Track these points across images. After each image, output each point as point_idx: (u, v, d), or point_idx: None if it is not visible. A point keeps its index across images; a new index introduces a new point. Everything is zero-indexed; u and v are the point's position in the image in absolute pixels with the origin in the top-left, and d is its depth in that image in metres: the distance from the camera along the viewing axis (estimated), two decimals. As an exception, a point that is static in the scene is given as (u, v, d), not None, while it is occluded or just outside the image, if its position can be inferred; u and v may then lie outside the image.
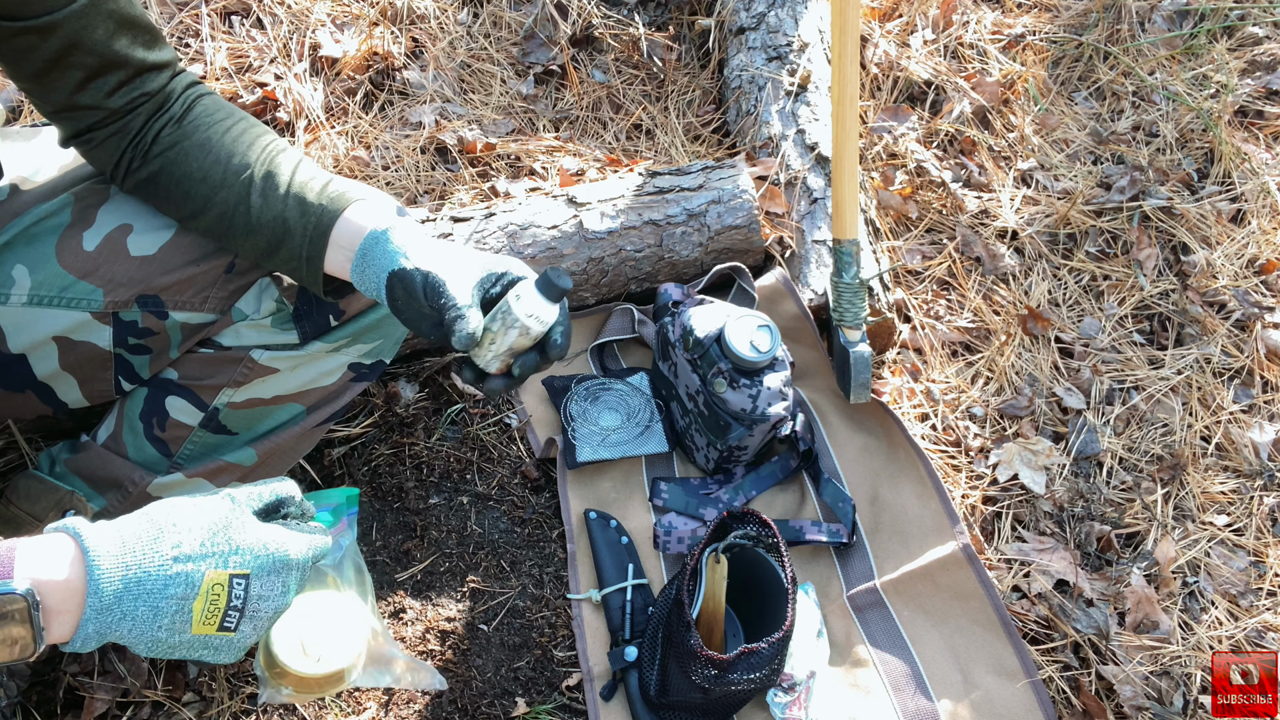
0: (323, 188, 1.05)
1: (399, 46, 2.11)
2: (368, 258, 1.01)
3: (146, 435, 1.24)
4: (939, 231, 1.97)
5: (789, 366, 1.50)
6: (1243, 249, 1.96)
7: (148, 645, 0.79)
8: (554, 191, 1.79)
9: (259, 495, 0.87)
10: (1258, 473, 1.66)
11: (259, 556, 0.81)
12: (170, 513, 0.80)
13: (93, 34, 0.98)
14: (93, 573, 0.74)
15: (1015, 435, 1.68)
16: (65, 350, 1.16)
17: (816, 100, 1.97)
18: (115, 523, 0.78)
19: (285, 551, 0.83)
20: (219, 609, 0.79)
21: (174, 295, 1.14)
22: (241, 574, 0.80)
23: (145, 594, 0.76)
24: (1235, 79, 2.23)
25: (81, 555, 0.75)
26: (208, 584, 0.78)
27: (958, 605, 1.44)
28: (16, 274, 1.12)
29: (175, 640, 0.79)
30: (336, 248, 1.04)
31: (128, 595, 0.75)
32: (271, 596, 0.83)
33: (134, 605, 0.76)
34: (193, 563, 0.78)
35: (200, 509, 0.81)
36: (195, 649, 0.81)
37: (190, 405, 1.23)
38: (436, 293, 0.96)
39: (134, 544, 0.77)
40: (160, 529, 0.78)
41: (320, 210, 1.03)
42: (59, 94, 1.02)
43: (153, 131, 1.07)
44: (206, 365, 1.21)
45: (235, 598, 0.80)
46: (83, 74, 1.00)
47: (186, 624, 0.78)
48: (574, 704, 1.35)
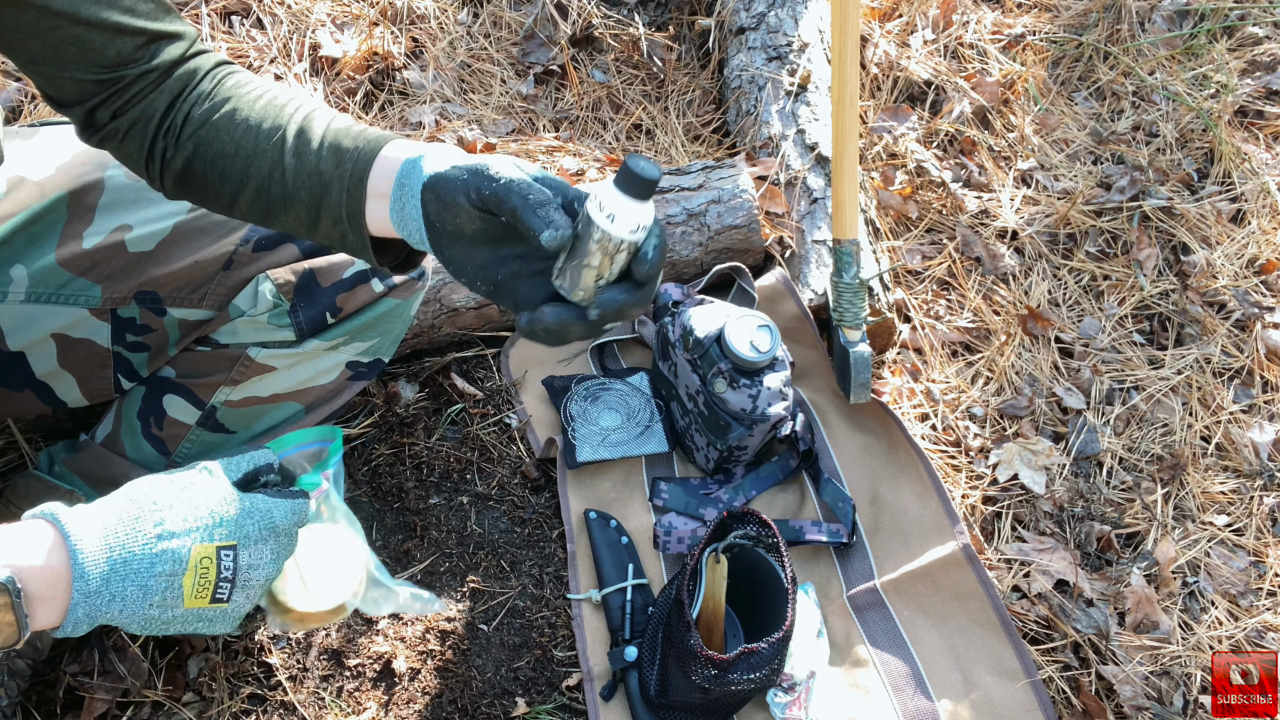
0: (360, 132, 0.89)
1: (399, 46, 2.11)
2: (404, 191, 0.82)
3: (144, 434, 1.25)
4: (939, 231, 1.97)
5: (789, 366, 1.50)
6: (1243, 249, 1.96)
7: (141, 624, 0.78)
8: (554, 191, 1.79)
9: (237, 465, 0.86)
10: (1258, 473, 1.66)
11: (243, 526, 0.81)
12: (149, 490, 0.79)
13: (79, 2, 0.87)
14: (76, 557, 0.74)
15: (1015, 435, 1.68)
16: (64, 347, 1.16)
17: (816, 100, 1.97)
18: (93, 505, 0.78)
19: (270, 519, 0.83)
20: (209, 582, 0.79)
21: (172, 291, 1.14)
22: (228, 545, 0.80)
23: (133, 574, 0.76)
24: (1235, 79, 2.23)
25: (62, 540, 0.74)
26: (195, 558, 0.77)
27: (958, 605, 1.44)
28: (15, 273, 1.12)
29: (169, 616, 0.79)
30: (376, 197, 0.85)
31: (115, 577, 0.75)
32: (261, 565, 0.82)
33: (122, 586, 0.75)
34: (177, 539, 0.77)
35: (179, 484, 0.81)
36: (190, 623, 0.81)
37: (187, 403, 1.23)
38: (489, 181, 0.76)
39: (115, 525, 0.76)
40: (141, 508, 0.78)
41: (356, 155, 0.86)
42: (62, 74, 0.90)
43: (182, 113, 0.93)
44: (204, 363, 1.21)
45: (224, 569, 0.79)
46: (76, 48, 0.88)
47: (178, 599, 0.78)
48: (574, 704, 1.34)
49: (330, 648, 1.35)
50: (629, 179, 0.71)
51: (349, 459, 1.55)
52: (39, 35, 0.87)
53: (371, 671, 1.34)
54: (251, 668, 1.32)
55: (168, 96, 0.93)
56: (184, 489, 0.80)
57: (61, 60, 0.89)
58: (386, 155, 0.85)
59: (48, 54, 0.88)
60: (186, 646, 1.33)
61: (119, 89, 0.92)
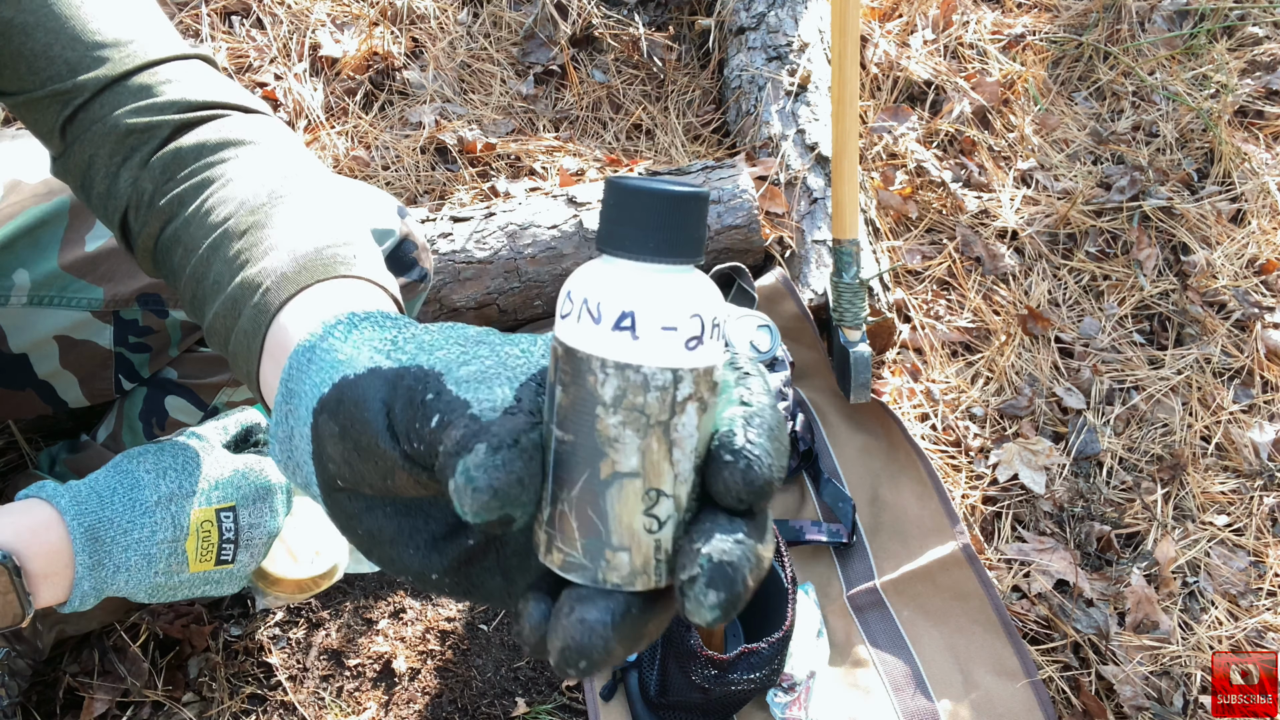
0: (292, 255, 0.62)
1: (399, 46, 2.11)
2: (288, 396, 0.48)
3: (146, 435, 1.25)
4: (939, 231, 1.97)
5: (789, 366, 1.50)
6: (1243, 249, 1.96)
7: (148, 592, 0.78)
8: (554, 191, 1.79)
9: (224, 428, 0.85)
10: (1258, 473, 1.66)
11: (239, 487, 0.81)
12: (140, 461, 0.79)
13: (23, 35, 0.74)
14: (75, 531, 0.73)
15: (1015, 435, 1.68)
16: (66, 349, 1.16)
17: (816, 100, 1.97)
18: (86, 479, 0.77)
19: (265, 477, 0.83)
20: (213, 544, 0.79)
21: (174, 293, 1.14)
22: (227, 507, 0.79)
23: (134, 544, 0.75)
24: (1235, 79, 2.23)
25: (59, 516, 0.73)
26: (195, 522, 0.77)
27: (958, 605, 1.44)
28: (17, 278, 1.12)
29: (175, 582, 0.79)
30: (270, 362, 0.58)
31: (116, 548, 0.74)
32: (262, 523, 0.82)
33: (125, 557, 0.75)
34: (175, 504, 0.77)
35: (170, 452, 0.80)
36: (197, 586, 0.81)
37: (190, 404, 1.23)
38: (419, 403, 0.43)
39: (110, 497, 0.76)
40: (135, 477, 0.77)
41: (256, 305, 0.60)
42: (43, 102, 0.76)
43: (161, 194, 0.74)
44: (206, 365, 1.21)
45: (226, 530, 0.79)
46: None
47: (183, 564, 0.78)
48: (574, 704, 1.35)
49: (330, 648, 1.35)
50: (651, 217, 0.34)
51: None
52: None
53: (371, 671, 1.34)
54: (251, 668, 1.32)
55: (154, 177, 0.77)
56: (175, 456, 0.80)
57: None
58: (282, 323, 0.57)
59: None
60: (187, 646, 1.33)
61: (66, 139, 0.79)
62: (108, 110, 0.75)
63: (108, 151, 0.75)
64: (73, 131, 0.76)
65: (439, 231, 1.65)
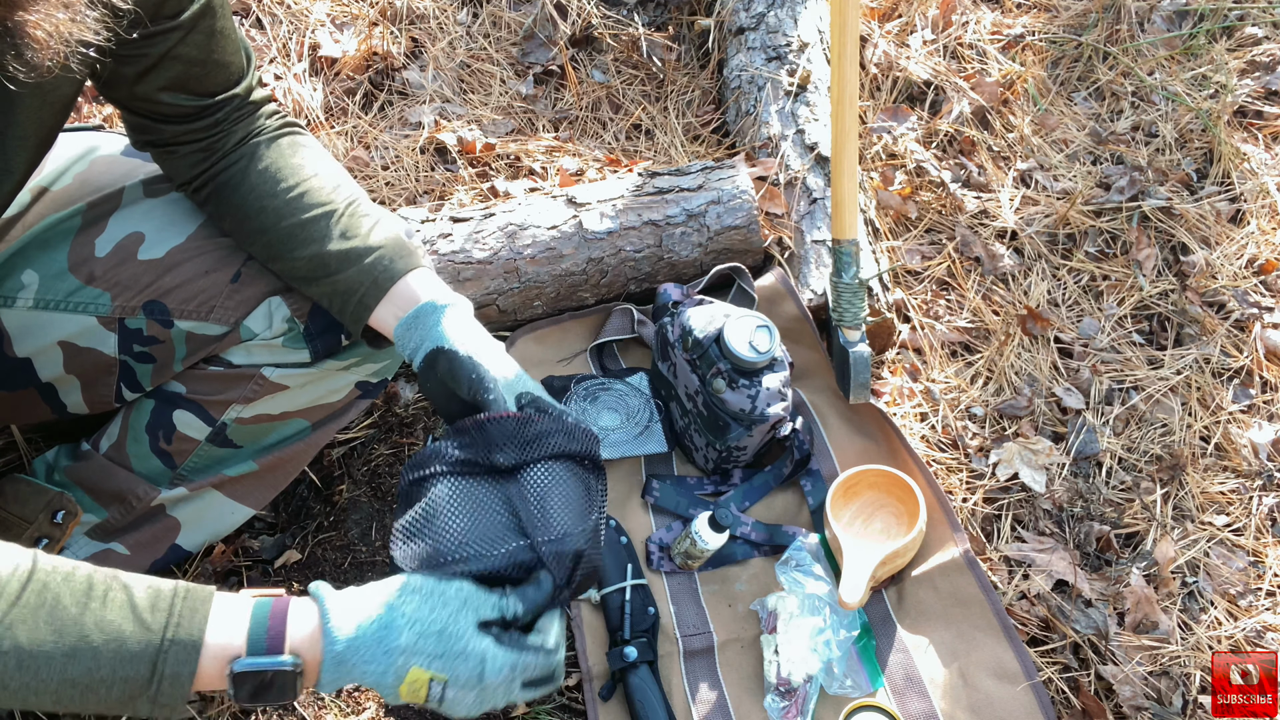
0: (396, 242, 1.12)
1: (398, 46, 2.11)
2: (418, 321, 1.07)
3: (152, 448, 1.24)
4: (938, 231, 1.97)
5: (788, 367, 1.50)
6: (1242, 249, 1.96)
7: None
8: (553, 191, 1.79)
9: (494, 605, 0.91)
10: (1257, 473, 1.66)
11: (458, 668, 0.88)
12: (404, 603, 0.88)
13: (189, 47, 1.04)
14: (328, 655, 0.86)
15: (1015, 435, 1.68)
16: (70, 355, 1.16)
17: (816, 100, 1.97)
18: (359, 599, 0.89)
19: (480, 669, 0.89)
20: (420, 698, 0.88)
21: (180, 303, 1.14)
22: (441, 679, 0.88)
23: (366, 675, 0.88)
24: (1234, 79, 2.23)
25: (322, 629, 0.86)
26: (411, 677, 0.87)
27: (958, 610, 1.44)
28: (26, 278, 1.12)
29: (387, 696, 0.90)
30: (389, 304, 1.09)
31: (354, 673, 0.88)
32: (463, 703, 0.90)
33: (353, 678, 0.88)
34: (405, 658, 0.87)
35: (432, 605, 0.89)
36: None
37: (198, 420, 1.22)
38: (482, 386, 1.02)
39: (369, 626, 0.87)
40: (388, 626, 0.87)
41: (389, 262, 1.09)
42: (153, 106, 1.08)
43: (236, 148, 1.13)
44: (217, 382, 1.20)
45: (433, 695, 0.88)
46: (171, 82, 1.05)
47: (395, 696, 0.89)
48: (573, 704, 1.34)
49: (330, 648, 1.35)
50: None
51: (349, 459, 1.55)
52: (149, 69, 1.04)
53: (371, 672, 1.33)
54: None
55: (234, 138, 1.13)
56: (433, 609, 0.88)
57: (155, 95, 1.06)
58: (410, 283, 1.09)
59: (145, 85, 1.05)
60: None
61: (189, 125, 1.10)
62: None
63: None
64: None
65: (438, 232, 1.65)
